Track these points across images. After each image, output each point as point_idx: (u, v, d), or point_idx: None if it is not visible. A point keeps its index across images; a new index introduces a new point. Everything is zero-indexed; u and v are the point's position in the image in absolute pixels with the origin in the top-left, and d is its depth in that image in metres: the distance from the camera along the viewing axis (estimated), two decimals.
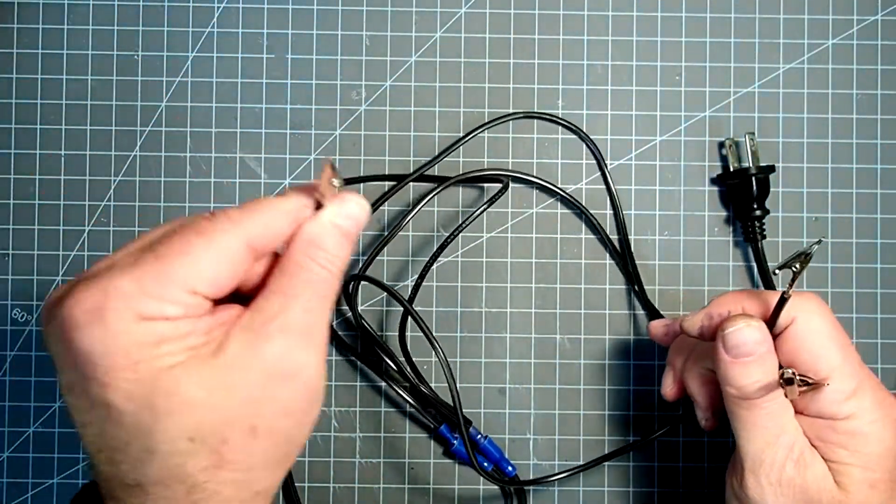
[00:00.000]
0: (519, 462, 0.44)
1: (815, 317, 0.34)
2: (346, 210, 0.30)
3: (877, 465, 0.33)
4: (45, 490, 0.44)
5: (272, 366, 0.27)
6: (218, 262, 0.27)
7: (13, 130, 0.45)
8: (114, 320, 0.25)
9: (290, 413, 0.27)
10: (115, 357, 0.25)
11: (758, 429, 0.34)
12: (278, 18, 0.45)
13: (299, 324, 0.27)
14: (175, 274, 0.26)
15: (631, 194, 0.45)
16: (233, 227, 0.27)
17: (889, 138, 0.45)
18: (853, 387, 0.33)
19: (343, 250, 0.29)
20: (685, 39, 0.45)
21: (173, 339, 0.26)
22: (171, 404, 0.25)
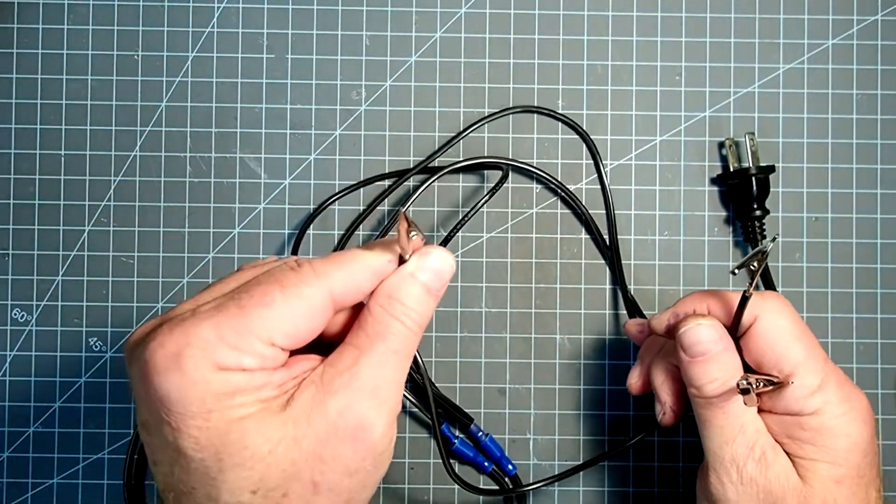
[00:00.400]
0: (519, 462, 0.44)
1: (777, 315, 0.34)
2: (429, 263, 0.29)
3: (843, 459, 0.33)
4: (45, 490, 0.44)
5: (335, 422, 0.26)
6: (298, 316, 0.27)
7: (13, 130, 0.45)
8: (192, 368, 0.25)
9: (353, 473, 0.27)
10: (190, 405, 0.25)
11: (716, 428, 0.34)
12: (278, 18, 0.45)
13: (367, 379, 0.27)
14: (255, 325, 0.26)
15: (631, 194, 0.45)
16: (316, 280, 0.27)
17: (889, 138, 0.45)
18: (818, 382, 0.33)
19: (423, 305, 0.29)
20: (685, 39, 0.45)
21: (247, 390, 0.26)
22: (238, 457, 0.26)
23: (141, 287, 0.45)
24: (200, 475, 0.26)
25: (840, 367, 0.44)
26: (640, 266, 0.45)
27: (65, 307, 0.45)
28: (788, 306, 0.34)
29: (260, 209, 0.45)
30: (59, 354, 0.44)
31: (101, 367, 0.44)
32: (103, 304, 0.45)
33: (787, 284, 0.45)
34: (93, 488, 0.44)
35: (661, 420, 0.38)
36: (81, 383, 0.44)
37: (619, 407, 0.45)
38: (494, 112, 0.45)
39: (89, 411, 0.44)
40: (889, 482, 0.44)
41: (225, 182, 0.45)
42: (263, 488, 0.26)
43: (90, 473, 0.44)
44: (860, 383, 0.44)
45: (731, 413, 0.33)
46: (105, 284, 0.45)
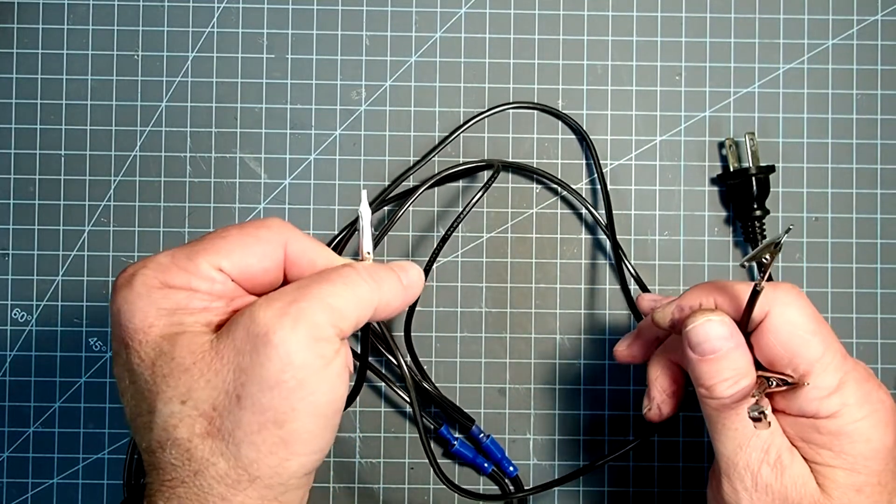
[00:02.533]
0: (519, 462, 0.44)
1: (791, 308, 0.31)
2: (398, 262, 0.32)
3: (863, 467, 0.31)
4: (45, 490, 0.44)
5: (248, 329, 0.27)
6: (248, 251, 0.29)
7: (13, 130, 0.45)
8: (139, 284, 0.28)
9: (273, 386, 0.26)
10: (134, 317, 0.28)
11: (730, 431, 0.31)
12: (278, 18, 0.45)
13: (285, 293, 0.28)
14: (205, 251, 0.28)
15: (631, 194, 0.45)
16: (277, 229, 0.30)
17: (889, 138, 0.45)
18: (836, 381, 0.31)
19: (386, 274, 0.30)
20: (685, 39, 0.45)
21: (186, 310, 0.28)
22: (166, 367, 0.27)
23: None
24: (142, 390, 0.28)
25: None
26: (640, 266, 0.45)
27: (65, 307, 0.45)
28: (803, 298, 0.32)
29: (260, 209, 0.45)
30: (59, 354, 0.44)
31: (101, 367, 0.44)
32: (103, 304, 0.45)
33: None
34: (93, 488, 0.44)
35: (647, 415, 0.36)
36: (81, 383, 0.44)
37: (619, 407, 0.45)
38: (492, 108, 0.45)
39: (89, 411, 0.44)
40: None
41: (225, 182, 0.45)
42: (192, 399, 0.27)
43: (90, 473, 0.44)
44: None
45: (745, 415, 0.31)
46: (105, 284, 0.45)
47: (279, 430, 0.27)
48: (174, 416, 0.27)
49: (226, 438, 0.27)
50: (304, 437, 0.27)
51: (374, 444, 0.44)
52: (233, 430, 0.26)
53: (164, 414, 0.27)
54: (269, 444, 0.27)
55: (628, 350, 0.38)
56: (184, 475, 0.27)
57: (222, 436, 0.27)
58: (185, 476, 0.27)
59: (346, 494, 0.44)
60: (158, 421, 0.27)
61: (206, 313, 0.28)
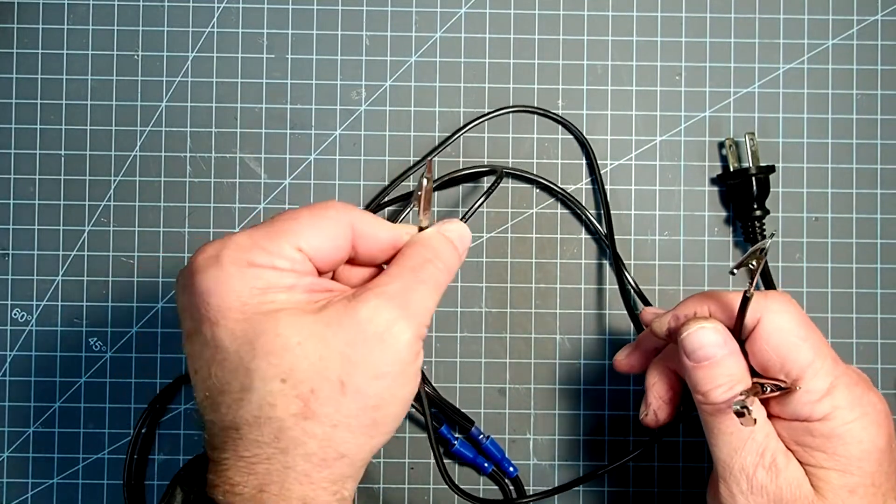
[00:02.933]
0: (519, 462, 0.44)
1: (781, 315, 0.32)
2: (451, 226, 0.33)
3: (856, 468, 0.31)
4: (45, 490, 0.44)
5: (364, 326, 0.28)
6: (322, 232, 0.30)
7: (13, 130, 0.45)
8: (228, 263, 0.28)
9: (379, 376, 0.28)
10: (227, 296, 0.28)
11: (725, 435, 0.32)
12: (278, 18, 0.45)
13: (396, 292, 0.29)
14: (283, 233, 0.29)
15: (631, 194, 0.45)
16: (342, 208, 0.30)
17: (889, 138, 0.45)
18: (827, 385, 0.31)
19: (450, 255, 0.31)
20: (685, 39, 0.45)
21: (279, 288, 0.28)
22: (269, 345, 0.27)
23: (141, 287, 0.45)
24: (234, 367, 0.27)
25: None
26: (640, 266, 0.45)
27: (65, 307, 0.45)
28: (793, 305, 0.33)
29: (260, 209, 0.45)
30: (59, 354, 0.44)
31: (101, 367, 0.44)
32: (103, 304, 0.45)
33: (787, 284, 0.45)
34: (93, 488, 0.44)
35: (643, 420, 0.37)
36: (81, 383, 0.44)
37: (619, 407, 0.45)
38: (489, 112, 0.45)
39: (89, 411, 0.44)
40: None
41: (225, 182, 0.45)
42: (292, 379, 0.27)
43: (90, 473, 0.44)
44: None
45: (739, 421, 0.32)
46: (105, 284, 0.45)
47: (376, 412, 0.28)
48: (272, 395, 0.27)
49: (322, 421, 0.27)
50: (392, 419, 0.29)
51: None
52: (331, 414, 0.27)
53: (261, 391, 0.27)
54: (364, 427, 0.28)
55: (627, 360, 0.39)
56: (269, 452, 0.27)
57: (318, 418, 0.27)
58: (271, 453, 0.27)
59: None
60: (254, 399, 0.27)
61: (296, 290, 0.29)
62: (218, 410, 0.28)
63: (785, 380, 0.32)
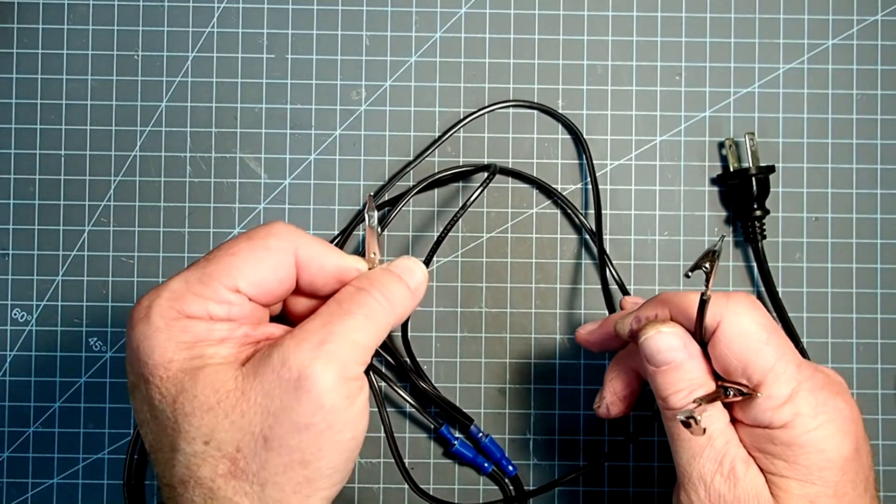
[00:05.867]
0: (519, 462, 0.44)
1: (742, 318, 0.31)
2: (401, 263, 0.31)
3: (817, 478, 0.30)
4: (45, 490, 0.44)
5: (279, 372, 0.26)
6: (262, 265, 0.28)
7: (13, 130, 0.45)
8: (156, 317, 0.27)
9: (302, 429, 0.26)
10: (154, 352, 0.27)
11: (684, 441, 0.31)
12: (278, 18, 0.45)
13: (314, 332, 0.27)
14: (219, 272, 0.28)
15: (631, 194, 0.45)
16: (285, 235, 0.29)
17: (889, 138, 0.45)
18: (788, 391, 0.30)
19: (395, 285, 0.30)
20: (685, 39, 0.45)
21: (208, 342, 0.27)
22: (189, 405, 0.26)
23: (141, 287, 0.45)
24: (164, 426, 0.27)
25: (840, 367, 0.45)
26: (640, 266, 0.45)
27: (65, 307, 0.45)
28: (755, 307, 0.31)
29: (260, 209, 0.45)
30: (59, 354, 0.44)
31: (101, 367, 0.44)
32: (103, 304, 0.45)
33: (787, 284, 0.45)
34: (93, 488, 0.44)
35: (596, 411, 0.37)
36: (81, 383, 0.44)
37: None
38: (487, 106, 0.45)
39: (89, 411, 0.44)
40: (889, 482, 0.44)
41: (225, 182, 0.45)
42: (215, 440, 0.26)
43: (90, 473, 0.44)
44: (860, 383, 0.44)
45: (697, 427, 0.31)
46: (105, 284, 0.45)
47: (304, 469, 0.27)
48: (197, 456, 0.26)
49: (250, 479, 0.26)
50: (328, 473, 0.27)
51: (374, 444, 0.44)
52: (258, 471, 0.26)
53: (186, 453, 0.27)
54: (294, 483, 0.27)
55: (587, 335, 0.38)
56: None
57: (246, 476, 0.26)
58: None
59: (347, 494, 0.44)
60: (181, 459, 0.27)
61: (226, 344, 0.28)
62: (158, 467, 0.28)
63: (747, 384, 0.31)
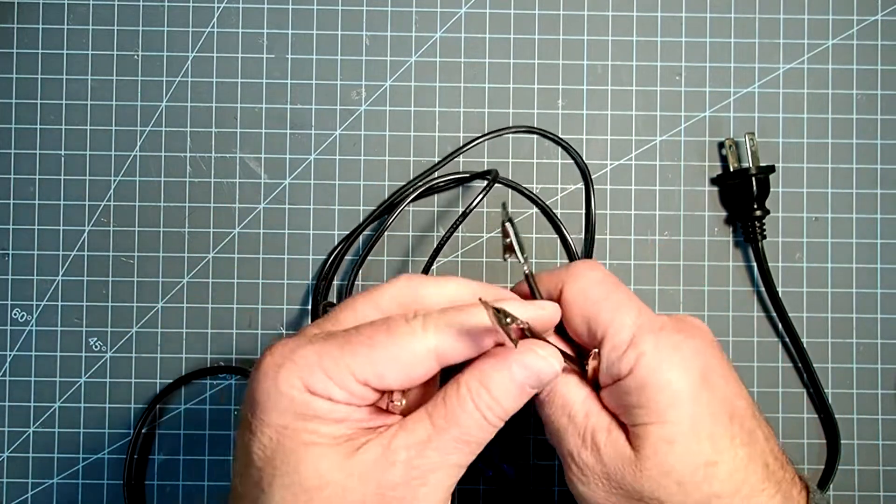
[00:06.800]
0: (519, 462, 0.44)
1: (579, 280, 0.31)
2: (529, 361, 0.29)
3: (671, 415, 0.29)
4: (45, 490, 0.44)
5: (384, 492, 0.27)
6: (397, 364, 0.28)
7: (13, 130, 0.45)
8: (283, 381, 0.27)
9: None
10: (270, 413, 0.27)
11: (550, 426, 0.32)
12: (278, 18, 0.45)
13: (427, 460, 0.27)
14: (352, 362, 0.27)
15: (631, 194, 0.45)
16: (423, 335, 0.28)
17: (889, 138, 0.45)
18: (628, 336, 0.30)
19: (510, 401, 0.29)
20: (685, 39, 0.45)
21: (325, 420, 0.27)
22: (288, 478, 0.27)
23: (141, 287, 0.45)
24: (254, 484, 0.27)
25: (840, 367, 0.45)
26: (639, 266, 0.45)
27: (65, 307, 0.45)
28: (594, 268, 0.32)
29: (260, 209, 0.45)
30: (59, 354, 0.44)
31: (101, 367, 0.44)
32: (103, 304, 0.45)
33: (787, 284, 0.45)
34: (93, 488, 0.44)
35: None
36: (81, 383, 0.44)
37: None
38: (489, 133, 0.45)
39: (89, 411, 0.44)
40: (889, 482, 0.44)
41: (225, 182, 0.45)
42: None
43: (90, 473, 0.44)
44: (860, 383, 0.44)
45: (557, 406, 0.31)
46: (105, 284, 0.45)
47: None
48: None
49: None
50: None
51: None
52: None
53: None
54: None
55: None
56: None
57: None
58: None
59: None
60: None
61: (343, 425, 0.28)
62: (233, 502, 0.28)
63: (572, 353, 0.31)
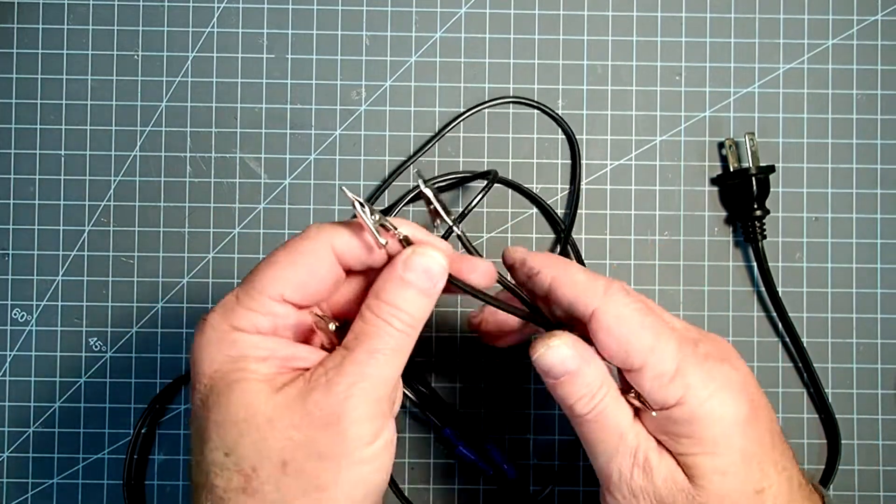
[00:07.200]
0: (519, 462, 0.44)
1: (616, 304, 0.31)
2: (417, 262, 0.30)
3: (722, 447, 0.30)
4: (45, 490, 0.44)
5: (310, 411, 0.27)
6: (301, 270, 0.29)
7: (13, 130, 0.45)
8: (209, 329, 0.29)
9: (322, 457, 0.27)
10: (202, 363, 0.28)
11: (598, 444, 0.31)
12: (278, 18, 0.45)
13: (348, 375, 0.28)
14: (263, 285, 0.29)
15: (631, 194, 0.45)
16: (317, 236, 0.29)
17: (889, 138, 0.45)
18: (674, 367, 0.30)
19: (413, 305, 0.29)
20: (685, 39, 0.45)
21: (251, 358, 0.28)
22: (219, 414, 0.28)
23: (141, 287, 0.45)
24: (198, 431, 0.28)
25: (840, 367, 0.45)
26: (639, 266, 0.45)
27: (65, 307, 0.45)
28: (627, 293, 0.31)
29: (260, 209, 0.45)
30: (59, 354, 0.44)
31: (101, 367, 0.44)
32: (103, 304, 0.45)
33: (787, 284, 0.45)
34: (93, 488, 0.44)
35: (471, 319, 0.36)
36: (81, 383, 0.44)
37: None
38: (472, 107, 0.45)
39: (89, 411, 0.44)
40: (889, 482, 0.44)
41: (225, 182, 0.45)
42: (235, 454, 0.27)
43: (90, 473, 0.44)
44: (860, 383, 0.45)
45: (608, 425, 0.31)
46: (105, 284, 0.45)
47: (320, 494, 0.27)
48: (216, 465, 0.28)
49: (262, 499, 0.27)
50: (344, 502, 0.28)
51: None
52: (271, 492, 0.27)
53: (208, 460, 0.28)
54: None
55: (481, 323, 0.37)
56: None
57: (260, 496, 0.27)
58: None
59: None
60: (203, 465, 0.28)
61: (268, 363, 0.29)
62: (189, 469, 0.29)
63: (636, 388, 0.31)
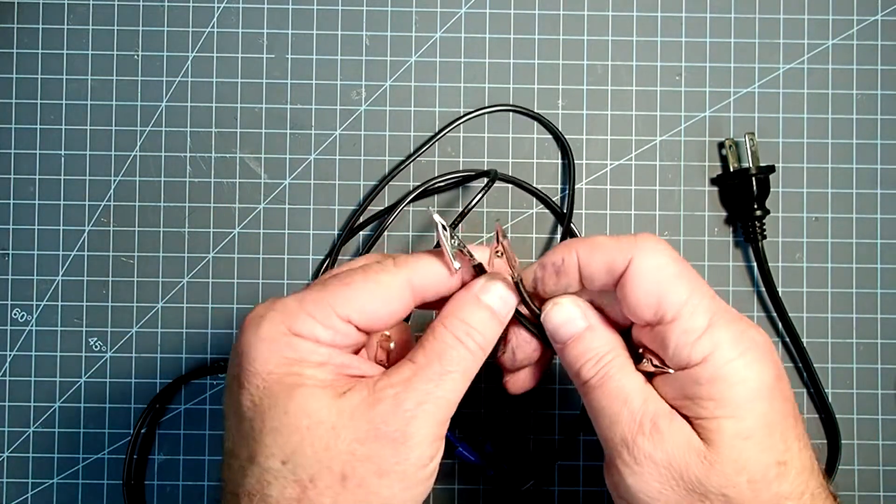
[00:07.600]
0: (518, 462, 0.44)
1: (654, 253, 0.30)
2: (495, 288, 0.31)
3: (748, 411, 0.28)
4: (45, 490, 0.44)
5: (377, 426, 0.27)
6: (375, 298, 0.29)
7: (13, 130, 0.45)
8: (266, 328, 0.28)
9: (384, 474, 0.27)
10: (255, 361, 0.28)
11: (601, 410, 0.30)
12: (278, 18, 0.45)
13: (415, 393, 0.28)
14: (333, 301, 0.29)
15: (631, 194, 0.45)
16: (395, 269, 0.30)
17: (889, 138, 0.45)
18: (705, 322, 0.29)
19: (486, 327, 0.30)
20: (685, 39, 0.45)
21: (309, 364, 0.28)
22: (277, 420, 0.27)
23: (141, 287, 0.45)
24: (246, 433, 0.28)
25: (840, 367, 0.45)
26: None
27: (65, 307, 0.45)
28: (666, 246, 0.30)
29: (260, 209, 0.45)
30: (59, 354, 0.44)
31: (101, 367, 0.44)
32: (103, 304, 0.45)
33: (787, 284, 0.45)
34: (93, 488, 0.44)
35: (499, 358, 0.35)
36: (81, 383, 0.44)
37: None
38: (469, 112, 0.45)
39: (89, 411, 0.44)
40: (889, 482, 0.44)
41: (225, 182, 0.45)
42: (293, 462, 0.27)
43: (90, 473, 0.44)
44: (860, 383, 0.45)
45: (611, 390, 0.30)
46: (105, 284, 0.45)
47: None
48: (270, 473, 0.27)
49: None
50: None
51: None
52: None
53: (262, 467, 0.27)
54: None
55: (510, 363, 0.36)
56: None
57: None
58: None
59: None
60: (255, 471, 0.27)
61: (325, 369, 0.28)
62: (229, 471, 0.28)
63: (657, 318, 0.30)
